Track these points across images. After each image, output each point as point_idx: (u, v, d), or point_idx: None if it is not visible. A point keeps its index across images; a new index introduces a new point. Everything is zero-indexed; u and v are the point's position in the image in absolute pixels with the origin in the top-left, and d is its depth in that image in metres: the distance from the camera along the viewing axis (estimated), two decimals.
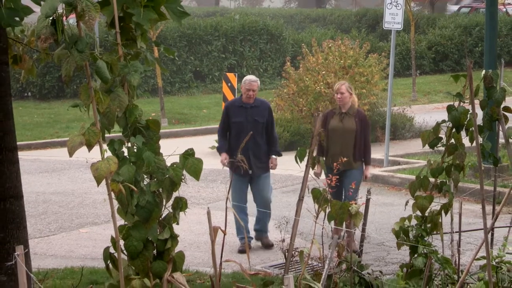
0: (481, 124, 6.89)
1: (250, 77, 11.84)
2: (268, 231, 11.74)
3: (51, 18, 5.11)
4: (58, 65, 5.22)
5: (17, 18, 5.79)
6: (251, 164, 11.33)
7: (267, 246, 11.59)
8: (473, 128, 6.68)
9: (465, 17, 35.59)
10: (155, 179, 5.43)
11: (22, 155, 8.63)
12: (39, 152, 19.87)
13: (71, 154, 5.12)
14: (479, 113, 6.60)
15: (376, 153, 16.45)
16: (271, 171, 11.80)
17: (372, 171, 13.17)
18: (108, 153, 5.28)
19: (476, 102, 6.42)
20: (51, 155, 19.22)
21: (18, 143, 8.26)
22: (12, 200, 7.95)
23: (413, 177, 7.89)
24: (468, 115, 6.91)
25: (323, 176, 10.66)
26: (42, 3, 5.36)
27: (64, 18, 5.17)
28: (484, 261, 6.96)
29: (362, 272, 6.93)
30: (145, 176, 5.44)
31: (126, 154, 5.38)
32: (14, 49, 8.41)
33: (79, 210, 13.96)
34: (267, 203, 11.64)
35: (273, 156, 11.66)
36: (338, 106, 11.59)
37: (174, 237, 5.52)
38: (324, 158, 11.24)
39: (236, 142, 11.19)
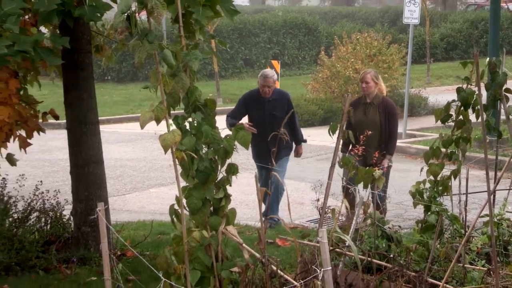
0: (486, 103, 6.79)
1: (265, 72, 9.52)
2: (276, 214, 9.58)
3: (126, 14, 5.10)
4: (132, 53, 5.21)
5: (98, 14, 5.80)
6: (270, 157, 9.19)
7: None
8: (478, 107, 6.58)
9: (472, 13, 35.09)
10: (212, 148, 5.42)
11: (102, 128, 8.66)
12: (117, 126, 20.01)
13: (142, 126, 5.13)
14: (484, 93, 6.50)
15: None
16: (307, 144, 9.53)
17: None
18: (173, 127, 5.28)
19: (482, 84, 6.31)
20: (127, 128, 19.36)
21: (99, 118, 8.32)
22: (94, 165, 8.03)
23: (427, 147, 7.76)
24: (475, 96, 6.81)
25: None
26: (118, 1, 5.36)
27: (137, 14, 5.17)
28: (487, 218, 6.87)
29: (384, 227, 6.88)
30: (204, 146, 5.43)
31: (188, 127, 5.38)
32: (96, 40, 8.46)
33: (149, 174, 14.04)
34: (277, 185, 9.53)
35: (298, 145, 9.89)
36: (363, 96, 9.52)
37: (227, 197, 5.52)
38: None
39: (256, 136, 8.73)
